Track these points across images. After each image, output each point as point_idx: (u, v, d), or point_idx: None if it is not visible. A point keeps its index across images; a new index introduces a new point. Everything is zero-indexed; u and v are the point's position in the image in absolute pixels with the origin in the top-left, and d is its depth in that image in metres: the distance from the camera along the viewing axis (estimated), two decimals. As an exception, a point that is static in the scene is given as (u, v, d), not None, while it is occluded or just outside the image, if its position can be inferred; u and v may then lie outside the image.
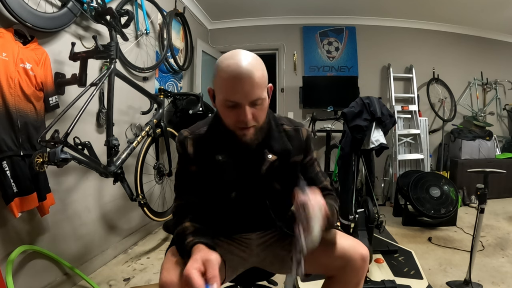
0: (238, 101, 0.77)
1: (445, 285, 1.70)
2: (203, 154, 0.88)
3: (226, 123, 0.83)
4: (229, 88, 0.76)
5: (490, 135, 3.74)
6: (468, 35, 4.05)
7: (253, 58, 0.79)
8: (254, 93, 0.77)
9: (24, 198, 1.31)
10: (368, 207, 1.98)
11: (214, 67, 0.81)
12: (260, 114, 0.81)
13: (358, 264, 0.84)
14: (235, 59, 0.77)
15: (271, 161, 0.87)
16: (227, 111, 0.80)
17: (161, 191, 2.60)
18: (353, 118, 2.05)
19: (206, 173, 0.89)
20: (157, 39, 2.66)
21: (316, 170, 0.98)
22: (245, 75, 0.75)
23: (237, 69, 0.75)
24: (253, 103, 0.78)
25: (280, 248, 1.00)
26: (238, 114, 0.78)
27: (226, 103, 0.78)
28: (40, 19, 1.44)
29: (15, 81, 1.28)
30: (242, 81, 0.75)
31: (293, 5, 3.65)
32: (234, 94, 0.76)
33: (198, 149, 0.89)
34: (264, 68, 0.81)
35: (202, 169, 0.89)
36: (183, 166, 0.92)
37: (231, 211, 0.93)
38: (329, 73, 4.01)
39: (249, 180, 0.89)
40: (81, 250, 1.83)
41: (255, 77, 0.76)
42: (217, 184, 0.89)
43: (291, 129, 0.94)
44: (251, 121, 0.79)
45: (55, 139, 1.30)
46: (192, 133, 0.90)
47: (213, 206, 0.92)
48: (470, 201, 3.46)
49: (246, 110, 0.77)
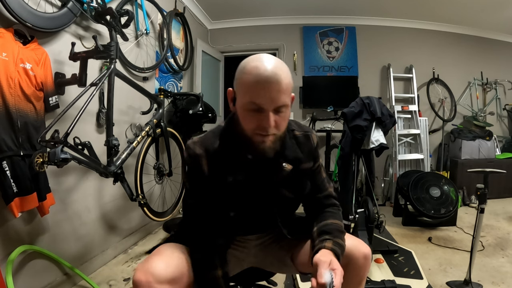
0: (262, 106, 0.73)
1: (445, 285, 1.70)
2: (217, 174, 0.84)
3: (245, 128, 0.78)
4: (255, 90, 0.73)
5: (490, 135, 3.74)
6: (468, 35, 4.05)
7: (281, 63, 0.76)
8: (280, 99, 0.73)
9: (24, 198, 1.31)
10: (368, 207, 1.98)
11: (239, 69, 0.78)
12: (282, 123, 0.78)
13: (360, 262, 0.84)
14: (263, 62, 0.74)
15: (287, 171, 0.86)
16: (248, 115, 0.76)
17: (161, 191, 2.59)
18: (353, 118, 2.05)
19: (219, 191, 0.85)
20: (157, 39, 2.66)
21: (322, 176, 0.98)
22: (274, 79, 0.72)
23: (266, 72, 0.72)
24: (277, 110, 0.75)
25: (278, 248, 1.00)
26: (261, 119, 0.74)
27: (249, 106, 0.75)
28: (40, 19, 1.44)
29: (15, 81, 1.28)
30: (270, 85, 0.72)
31: (293, 5, 3.65)
32: (260, 97, 0.73)
33: (212, 169, 0.83)
34: (291, 75, 0.78)
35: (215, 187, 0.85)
36: (195, 186, 0.87)
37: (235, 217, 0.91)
38: (329, 73, 4.01)
39: (260, 191, 0.88)
40: (81, 250, 1.83)
41: (283, 83, 0.73)
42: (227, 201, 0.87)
43: (301, 135, 0.93)
44: (273, 129, 0.75)
45: (55, 139, 1.30)
46: (206, 151, 0.84)
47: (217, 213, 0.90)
48: (470, 201, 3.46)
49: (269, 116, 0.74)
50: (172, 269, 0.76)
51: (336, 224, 0.88)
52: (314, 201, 0.96)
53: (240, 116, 0.79)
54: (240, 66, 0.78)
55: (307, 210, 0.99)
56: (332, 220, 0.90)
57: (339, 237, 0.85)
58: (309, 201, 0.97)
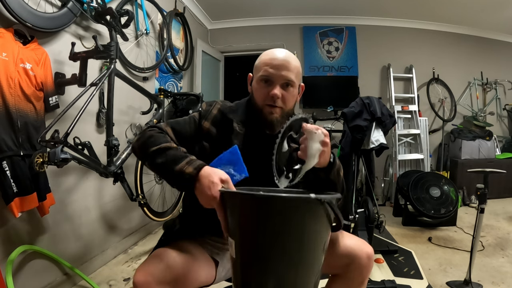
0: (271, 77, 0.87)
1: (445, 285, 1.70)
2: (224, 119, 0.93)
3: (257, 100, 0.91)
4: (268, 65, 0.88)
5: (490, 135, 3.74)
6: (468, 35, 4.05)
7: (293, 55, 0.92)
8: (287, 75, 0.87)
9: (24, 198, 1.31)
10: (368, 207, 1.98)
11: (258, 58, 0.94)
12: (288, 97, 0.89)
13: (363, 262, 0.84)
14: (278, 49, 0.91)
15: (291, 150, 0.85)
16: (260, 87, 0.89)
17: (161, 191, 2.59)
18: (353, 118, 2.06)
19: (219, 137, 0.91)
20: (157, 39, 2.66)
21: None
22: (283, 58, 0.88)
23: (278, 53, 0.90)
24: (284, 85, 0.88)
25: None
26: (269, 90, 0.87)
27: (261, 78, 0.89)
28: (40, 19, 1.44)
29: (15, 81, 1.28)
30: (280, 61, 0.87)
31: (293, 5, 3.65)
32: (271, 70, 0.87)
33: (221, 113, 0.94)
34: (300, 65, 0.93)
35: (217, 132, 0.92)
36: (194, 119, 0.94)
37: None
38: (329, 73, 4.01)
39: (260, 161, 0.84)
40: (81, 250, 1.83)
41: (292, 63, 0.88)
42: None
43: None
44: (279, 101, 0.87)
45: (55, 139, 1.30)
46: (222, 102, 0.98)
47: None
48: (470, 201, 3.46)
49: (277, 87, 0.87)
50: (171, 270, 0.76)
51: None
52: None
53: (254, 91, 0.93)
54: (259, 56, 0.95)
55: None
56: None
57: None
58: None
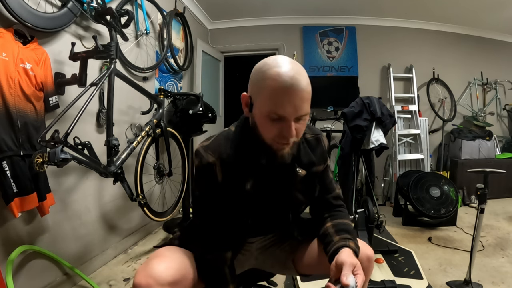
0: (285, 116, 0.70)
1: (445, 285, 1.70)
2: (232, 181, 0.81)
3: (264, 136, 0.76)
4: (278, 100, 0.69)
5: (490, 135, 3.74)
6: (468, 35, 4.05)
7: (301, 69, 0.72)
8: (303, 108, 0.71)
9: (24, 198, 1.31)
10: (368, 207, 1.98)
11: (256, 74, 0.74)
12: (302, 129, 0.76)
13: (364, 265, 0.84)
14: (285, 68, 0.70)
15: (302, 176, 0.86)
16: (269, 124, 0.73)
17: (161, 191, 2.59)
18: (353, 118, 2.06)
19: (234, 199, 0.83)
20: (157, 39, 2.66)
21: (330, 177, 0.98)
22: (298, 88, 0.69)
23: (289, 81, 0.68)
24: (298, 118, 0.72)
25: (280, 250, 1.00)
26: (282, 129, 0.72)
27: (270, 116, 0.71)
28: (40, 19, 1.44)
29: (15, 81, 1.27)
30: (294, 95, 0.69)
31: (293, 5, 3.65)
32: (283, 108, 0.69)
33: (227, 176, 0.80)
34: (309, 79, 0.74)
35: (230, 195, 0.83)
36: (206, 193, 0.84)
37: (244, 221, 0.89)
38: (329, 73, 4.01)
39: (276, 195, 0.87)
40: (81, 250, 1.83)
41: (305, 91, 0.70)
42: (241, 210, 0.86)
43: (312, 138, 0.92)
44: (294, 137, 0.73)
45: (55, 139, 1.30)
46: (219, 157, 0.79)
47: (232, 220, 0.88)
48: (470, 201, 3.46)
49: (291, 125, 0.71)
50: (173, 272, 0.76)
51: (351, 225, 0.88)
52: (323, 202, 0.95)
53: (259, 124, 0.76)
54: (258, 71, 0.74)
55: (314, 211, 0.98)
56: (347, 221, 0.90)
57: (356, 240, 0.84)
58: (318, 202, 0.96)
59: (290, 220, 0.91)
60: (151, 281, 0.72)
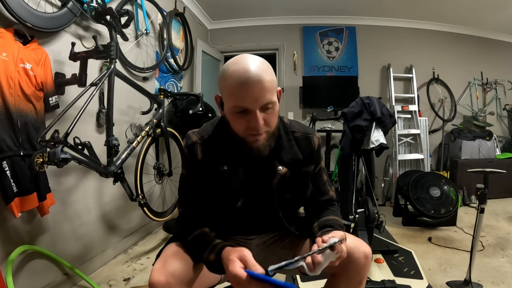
0: (248, 107, 0.74)
1: (445, 285, 1.70)
2: (211, 161, 0.85)
3: (236, 130, 0.79)
4: (238, 94, 0.73)
5: (490, 135, 3.74)
6: (468, 35, 4.05)
7: (260, 62, 0.76)
8: (264, 97, 0.74)
9: (24, 198, 1.31)
10: (368, 207, 1.98)
11: (220, 74, 0.78)
12: (271, 119, 0.78)
13: (361, 262, 0.84)
14: (241, 64, 0.74)
15: (282, 173, 0.86)
16: (237, 118, 0.77)
17: (161, 191, 2.59)
18: (353, 118, 2.05)
19: (212, 181, 0.87)
20: (157, 39, 2.66)
21: (323, 180, 0.97)
22: (254, 79, 0.72)
23: (245, 74, 0.72)
24: (264, 108, 0.75)
25: (280, 247, 1.00)
26: (249, 120, 0.75)
27: (235, 110, 0.75)
28: (40, 19, 1.44)
29: (15, 81, 1.28)
30: (251, 86, 0.72)
31: (293, 5, 3.65)
32: (244, 100, 0.73)
33: (206, 156, 0.86)
34: (273, 71, 0.78)
35: (209, 176, 0.86)
36: (191, 172, 0.89)
37: (236, 218, 0.92)
38: (329, 73, 4.01)
39: (258, 190, 0.88)
40: (81, 250, 1.83)
41: (265, 81, 0.73)
42: (223, 193, 0.88)
43: (302, 136, 0.91)
44: (263, 127, 0.76)
45: (55, 139, 1.30)
46: (201, 138, 0.87)
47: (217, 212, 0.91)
48: (470, 201, 3.46)
49: (257, 115, 0.74)
50: (191, 270, 0.76)
51: (337, 220, 0.89)
52: (314, 204, 0.96)
53: (230, 120, 0.80)
54: (221, 71, 0.79)
55: (307, 212, 0.99)
56: (332, 216, 0.90)
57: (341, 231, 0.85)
58: (310, 204, 0.97)
59: (279, 214, 0.91)
60: (171, 279, 0.72)
